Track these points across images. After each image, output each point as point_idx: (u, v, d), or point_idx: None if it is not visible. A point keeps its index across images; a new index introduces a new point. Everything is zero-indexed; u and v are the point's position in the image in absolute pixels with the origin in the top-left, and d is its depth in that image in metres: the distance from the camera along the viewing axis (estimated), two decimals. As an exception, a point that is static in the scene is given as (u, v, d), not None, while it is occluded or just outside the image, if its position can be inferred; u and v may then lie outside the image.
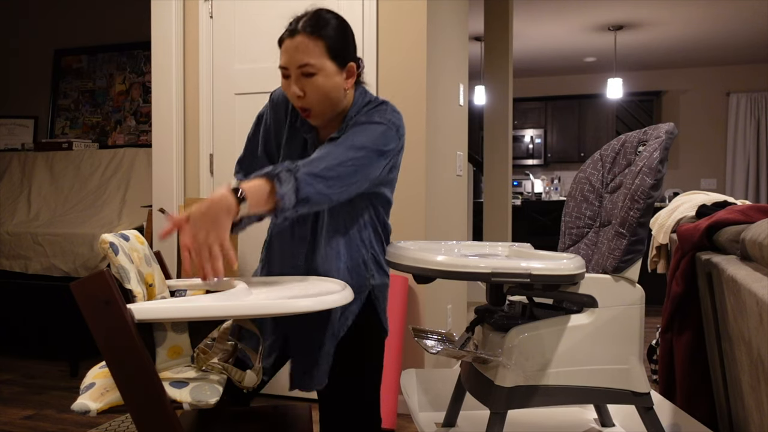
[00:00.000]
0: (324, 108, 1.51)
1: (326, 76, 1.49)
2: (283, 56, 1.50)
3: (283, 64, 1.49)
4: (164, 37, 3.20)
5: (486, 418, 1.33)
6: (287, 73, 1.49)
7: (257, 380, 1.37)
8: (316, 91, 1.48)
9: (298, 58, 1.47)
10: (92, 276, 1.13)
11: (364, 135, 1.48)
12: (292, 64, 1.47)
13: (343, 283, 1.43)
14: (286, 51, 1.49)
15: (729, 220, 1.74)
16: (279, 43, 1.53)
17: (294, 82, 1.48)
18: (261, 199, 1.33)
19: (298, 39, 1.48)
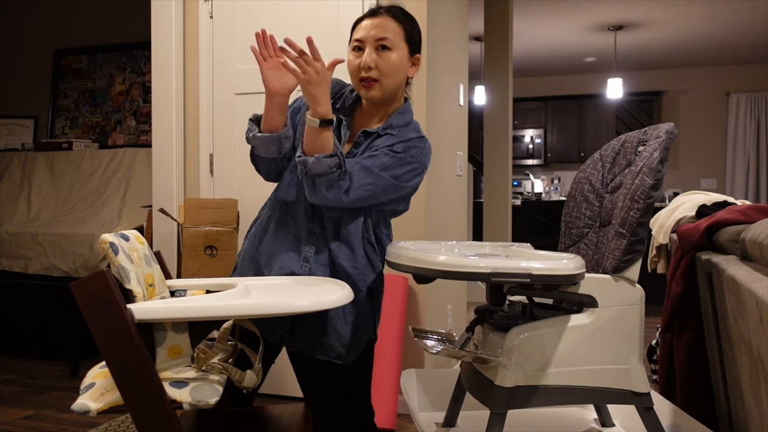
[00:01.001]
0: (388, 84, 1.60)
1: (400, 55, 1.60)
2: (360, 32, 1.61)
3: (359, 37, 1.60)
4: (164, 37, 3.20)
5: (486, 418, 1.33)
6: (361, 46, 1.60)
7: (257, 380, 1.37)
8: (389, 65, 1.58)
9: (377, 33, 1.58)
10: (92, 276, 1.13)
11: (394, 166, 1.55)
12: (370, 38, 1.58)
13: (342, 283, 1.44)
14: (364, 27, 1.60)
15: (729, 220, 1.74)
16: (354, 24, 1.65)
17: (368, 54, 1.58)
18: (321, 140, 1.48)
19: (381, 18, 1.60)
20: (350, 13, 2.89)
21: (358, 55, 1.61)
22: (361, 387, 1.65)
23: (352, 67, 1.62)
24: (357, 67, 1.60)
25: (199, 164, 3.20)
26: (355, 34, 1.63)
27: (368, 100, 1.65)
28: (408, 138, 1.61)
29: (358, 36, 1.61)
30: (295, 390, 3.05)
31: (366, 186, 1.52)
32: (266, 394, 3.07)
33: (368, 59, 1.58)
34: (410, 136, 1.62)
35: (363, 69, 1.58)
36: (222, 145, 3.15)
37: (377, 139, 1.61)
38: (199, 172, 3.20)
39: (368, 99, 1.64)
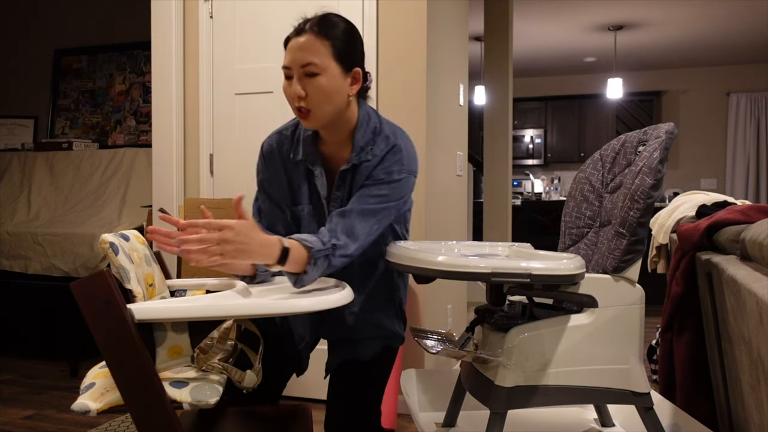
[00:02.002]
0: (324, 111, 1.47)
1: (330, 77, 1.46)
2: (287, 56, 1.48)
3: (286, 63, 1.47)
4: (164, 37, 3.20)
5: (486, 418, 1.33)
6: (290, 73, 1.47)
7: (257, 380, 1.37)
8: (319, 92, 1.45)
9: (302, 57, 1.45)
10: (92, 276, 1.13)
11: (388, 196, 1.49)
12: (295, 63, 1.45)
13: (342, 282, 1.43)
14: (290, 50, 1.47)
15: (729, 220, 1.74)
16: (285, 43, 1.51)
17: (296, 81, 1.46)
18: (295, 266, 1.36)
19: (304, 38, 1.46)
20: (350, 13, 2.89)
21: (288, 84, 1.48)
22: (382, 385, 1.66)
23: (287, 97, 1.50)
24: (291, 96, 1.48)
25: (199, 164, 3.20)
26: (285, 58, 1.49)
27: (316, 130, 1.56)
28: (383, 156, 1.52)
29: (285, 62, 1.48)
30: (295, 390, 3.05)
31: (372, 227, 1.48)
32: (266, 394, 3.07)
33: (297, 87, 1.45)
34: (384, 152, 1.53)
35: (294, 99, 1.47)
36: (222, 145, 3.15)
37: (357, 170, 1.54)
38: (199, 172, 3.20)
39: (311, 128, 1.55)
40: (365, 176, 1.53)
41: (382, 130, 1.57)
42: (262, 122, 3.08)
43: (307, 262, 1.37)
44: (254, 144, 3.10)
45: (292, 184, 1.62)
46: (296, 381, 3.06)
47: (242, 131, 3.12)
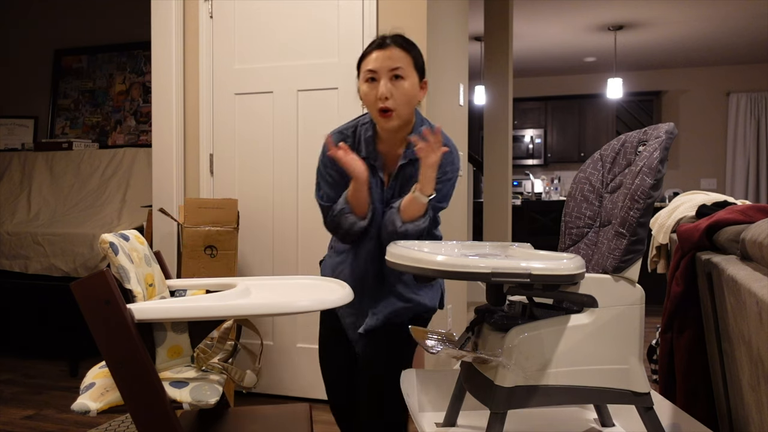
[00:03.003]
0: (404, 111, 1.74)
1: (411, 83, 1.74)
2: (372, 63, 1.73)
3: (373, 68, 1.72)
4: (164, 37, 3.20)
5: (486, 418, 1.33)
6: (376, 77, 1.72)
7: (257, 380, 1.37)
8: (403, 94, 1.72)
9: (390, 63, 1.72)
10: (92, 276, 1.13)
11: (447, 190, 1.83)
12: (383, 68, 1.72)
13: (342, 282, 1.44)
14: (377, 59, 1.73)
15: (729, 220, 1.74)
16: (362, 58, 1.77)
17: (383, 84, 1.71)
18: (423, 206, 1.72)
19: (391, 49, 1.73)
20: (350, 13, 2.89)
21: (373, 87, 1.73)
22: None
23: (369, 99, 1.74)
24: (374, 98, 1.72)
25: (199, 164, 3.20)
26: (366, 65, 1.75)
27: (387, 130, 1.77)
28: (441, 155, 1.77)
29: (371, 67, 1.73)
30: (295, 390, 3.06)
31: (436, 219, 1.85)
32: (266, 394, 3.07)
33: (384, 89, 1.70)
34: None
35: (380, 99, 1.70)
36: (222, 145, 3.15)
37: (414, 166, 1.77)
38: (199, 172, 3.20)
39: (387, 129, 1.76)
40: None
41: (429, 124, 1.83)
42: (262, 122, 3.08)
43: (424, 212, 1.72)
44: (254, 144, 3.10)
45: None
46: (296, 381, 3.06)
47: (242, 131, 3.12)
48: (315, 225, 3.01)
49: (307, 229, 3.03)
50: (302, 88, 3.00)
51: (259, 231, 3.11)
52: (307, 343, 3.03)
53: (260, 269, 3.11)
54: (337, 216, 1.78)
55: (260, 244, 3.11)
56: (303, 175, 3.02)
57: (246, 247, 3.12)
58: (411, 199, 1.71)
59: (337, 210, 1.77)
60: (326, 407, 2.93)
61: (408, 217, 1.73)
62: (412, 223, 1.72)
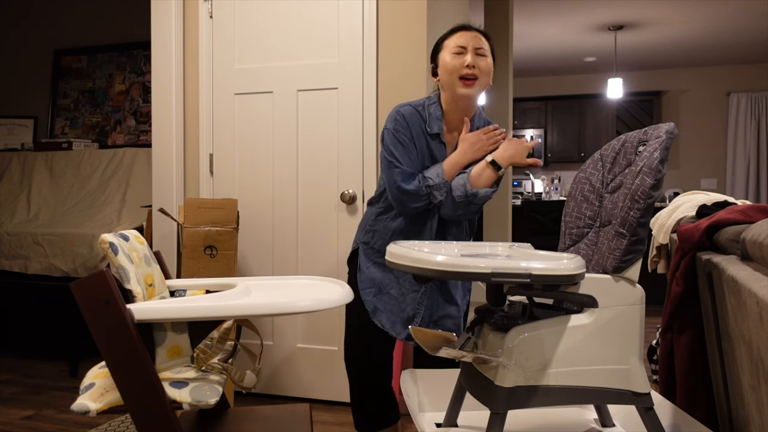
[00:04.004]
0: (484, 82, 1.98)
1: (490, 62, 1.99)
2: (461, 39, 1.97)
3: (462, 43, 1.96)
4: (164, 37, 3.20)
5: (486, 418, 1.33)
6: (463, 51, 1.95)
7: (257, 380, 1.37)
8: (485, 67, 1.97)
9: (477, 42, 1.97)
10: (92, 276, 1.13)
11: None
12: (471, 45, 1.95)
13: (342, 282, 1.43)
14: (464, 36, 1.97)
15: (729, 220, 1.74)
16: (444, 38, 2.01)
17: (470, 55, 1.94)
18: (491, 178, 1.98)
19: (476, 33, 1.99)
20: (350, 13, 2.89)
21: (459, 57, 1.95)
22: None
23: (453, 66, 1.94)
24: (460, 65, 1.93)
25: (199, 164, 3.20)
26: (453, 41, 1.98)
27: (464, 96, 1.96)
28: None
29: (461, 43, 1.96)
30: (295, 390, 3.05)
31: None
32: (266, 394, 3.07)
33: (471, 59, 1.94)
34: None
35: (466, 67, 1.92)
36: (222, 145, 3.15)
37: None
38: (199, 172, 3.20)
39: (465, 95, 1.96)
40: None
41: (489, 122, 2.11)
42: (262, 122, 3.08)
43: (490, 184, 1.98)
44: (254, 144, 3.10)
45: (421, 148, 2.01)
46: (296, 381, 3.06)
47: (242, 131, 3.12)
48: (315, 225, 3.01)
49: (307, 229, 3.03)
50: (302, 88, 3.00)
51: (259, 231, 3.11)
52: (307, 343, 3.03)
53: (260, 269, 3.11)
54: (433, 188, 1.93)
55: (260, 244, 3.11)
56: (303, 174, 3.02)
57: (246, 247, 3.12)
58: (484, 167, 1.95)
59: (434, 183, 1.94)
60: (326, 407, 2.93)
61: (478, 184, 1.95)
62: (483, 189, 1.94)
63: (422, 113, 2.01)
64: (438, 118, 2.00)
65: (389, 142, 1.97)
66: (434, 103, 2.02)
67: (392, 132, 1.98)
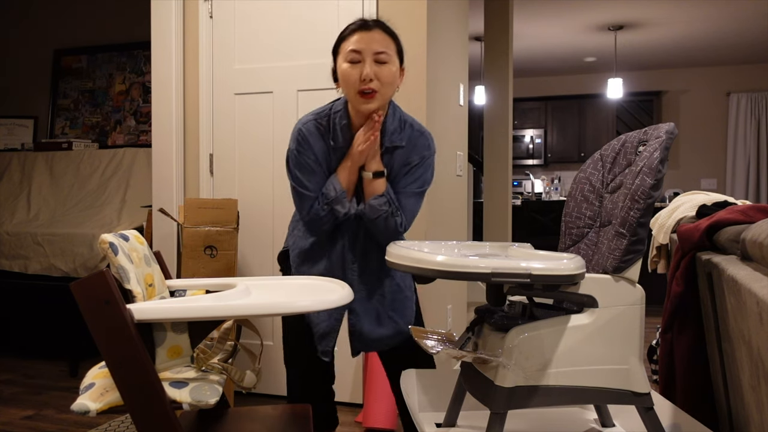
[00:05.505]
0: (386, 94, 1.75)
1: (393, 68, 1.75)
2: (356, 43, 1.71)
3: (357, 48, 1.71)
4: (164, 37, 3.20)
5: (486, 418, 1.33)
6: (358, 58, 1.71)
7: (257, 380, 1.37)
8: (387, 76, 1.72)
9: (377, 46, 1.71)
10: (92, 276, 1.13)
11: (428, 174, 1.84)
12: (368, 50, 1.71)
13: (342, 282, 1.43)
14: (361, 39, 1.71)
15: (729, 220, 1.74)
16: (341, 39, 1.76)
17: (368, 65, 1.70)
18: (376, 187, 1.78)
19: (376, 32, 1.73)
20: (350, 14, 2.89)
21: (355, 67, 1.71)
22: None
23: (350, 79, 1.72)
24: (357, 78, 1.70)
25: (199, 164, 3.20)
26: (349, 45, 1.72)
27: (365, 112, 1.75)
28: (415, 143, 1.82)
29: (355, 47, 1.71)
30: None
31: (416, 208, 1.84)
32: (266, 394, 3.07)
33: (369, 71, 1.69)
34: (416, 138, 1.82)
35: (364, 81, 1.69)
36: (222, 145, 3.15)
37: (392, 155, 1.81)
38: (199, 172, 3.20)
39: (365, 111, 1.74)
40: (402, 162, 1.81)
41: (405, 119, 1.85)
42: (262, 122, 3.08)
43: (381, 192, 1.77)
44: (254, 144, 3.10)
45: (330, 165, 1.82)
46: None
47: (242, 131, 3.12)
48: (315, 225, 3.01)
49: (307, 229, 3.02)
50: (302, 88, 3.00)
51: (259, 231, 3.11)
52: (307, 343, 3.03)
53: (260, 269, 3.11)
54: (332, 202, 1.77)
55: (260, 244, 3.11)
56: (303, 175, 3.02)
57: (246, 247, 3.12)
58: (369, 181, 1.78)
59: (333, 197, 1.76)
60: (326, 407, 2.93)
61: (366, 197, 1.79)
62: (367, 204, 1.77)
63: (327, 125, 1.80)
64: (344, 127, 1.79)
65: (293, 166, 1.80)
66: (340, 110, 1.81)
67: (295, 154, 1.80)
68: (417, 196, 1.83)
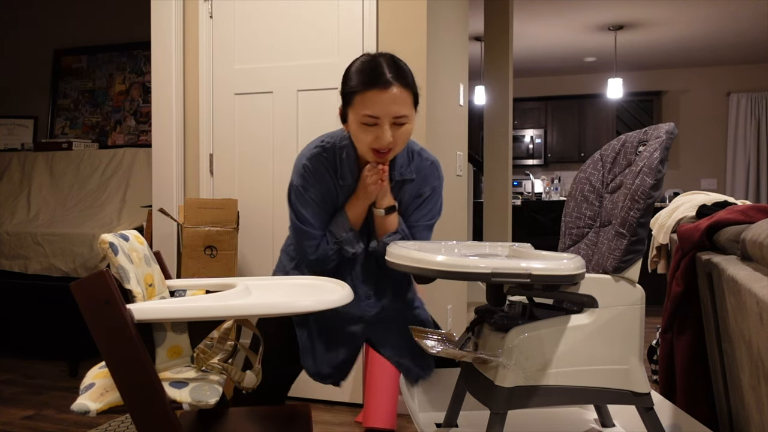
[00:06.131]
0: (399, 149, 1.65)
1: (412, 123, 1.62)
2: (374, 107, 1.54)
3: (375, 113, 1.54)
4: (164, 37, 3.20)
5: (486, 418, 1.33)
6: (375, 122, 1.56)
7: (257, 381, 1.37)
8: (404, 137, 1.61)
9: (395, 110, 1.55)
10: (92, 276, 1.13)
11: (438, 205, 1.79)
12: (387, 115, 1.55)
13: (342, 282, 1.43)
14: (379, 102, 1.54)
15: (729, 220, 1.74)
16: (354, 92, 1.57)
17: (387, 130, 1.56)
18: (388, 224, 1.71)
19: (394, 91, 1.55)
20: (350, 13, 2.89)
21: (371, 131, 1.57)
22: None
23: (365, 140, 1.58)
24: (372, 139, 1.57)
25: (199, 164, 3.20)
26: (364, 107, 1.55)
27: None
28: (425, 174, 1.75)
29: (373, 113, 1.54)
30: (295, 390, 3.05)
31: (428, 237, 1.78)
32: (266, 394, 3.07)
33: (388, 137, 1.56)
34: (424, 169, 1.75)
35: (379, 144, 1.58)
36: (222, 145, 3.15)
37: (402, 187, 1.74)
38: (199, 172, 3.20)
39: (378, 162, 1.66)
40: (413, 194, 1.75)
41: (413, 149, 1.75)
42: (262, 122, 3.08)
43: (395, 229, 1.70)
44: (254, 144, 3.10)
45: (336, 200, 1.73)
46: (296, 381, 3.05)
47: (242, 131, 3.12)
48: (315, 225, 3.01)
49: (307, 229, 3.02)
50: (302, 88, 3.00)
51: (259, 231, 3.10)
52: (307, 343, 3.03)
53: (260, 269, 3.11)
54: (342, 242, 1.69)
55: (260, 244, 3.11)
56: (303, 175, 3.02)
57: (246, 247, 3.12)
58: (382, 217, 1.70)
59: (344, 238, 1.68)
60: (326, 407, 2.93)
61: (379, 234, 1.72)
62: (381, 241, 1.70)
63: (333, 159, 1.69)
64: (352, 162, 1.69)
65: (296, 202, 1.69)
66: (346, 145, 1.68)
67: (300, 190, 1.68)
68: (429, 229, 1.78)
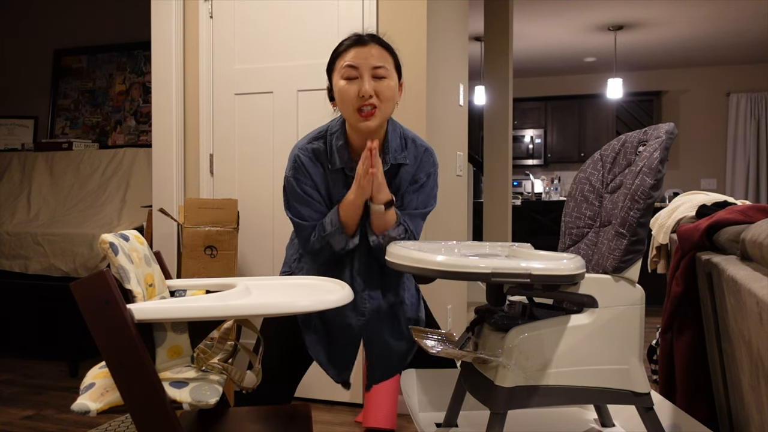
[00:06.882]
0: (386, 110, 1.67)
1: (393, 82, 1.67)
2: (354, 58, 1.64)
3: (354, 63, 1.63)
4: (164, 37, 3.20)
5: (486, 418, 1.33)
6: (355, 74, 1.64)
7: (257, 381, 1.37)
8: (385, 92, 1.65)
9: (375, 61, 1.64)
10: (92, 276, 1.13)
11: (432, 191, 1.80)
12: (366, 65, 1.63)
13: (342, 282, 1.43)
14: (358, 54, 1.64)
15: (729, 220, 1.74)
16: (336, 56, 1.69)
17: (366, 81, 1.63)
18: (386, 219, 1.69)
19: (372, 47, 1.65)
20: (350, 13, 2.89)
21: (353, 84, 1.64)
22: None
23: (348, 97, 1.64)
24: (355, 95, 1.63)
25: (199, 164, 3.20)
26: (345, 60, 1.65)
27: (364, 130, 1.67)
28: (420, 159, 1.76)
29: (352, 62, 1.63)
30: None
31: (421, 226, 1.77)
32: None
33: (368, 87, 1.62)
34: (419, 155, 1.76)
35: (363, 97, 1.62)
36: (222, 145, 3.15)
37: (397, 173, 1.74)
38: (199, 172, 3.20)
39: (365, 129, 1.66)
40: (409, 180, 1.76)
41: (406, 135, 1.78)
42: (262, 122, 3.08)
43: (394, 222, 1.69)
44: (254, 144, 3.10)
45: (330, 189, 1.75)
46: (296, 381, 3.06)
47: (242, 131, 3.12)
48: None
49: (307, 229, 3.02)
50: (302, 88, 3.00)
51: (259, 231, 3.11)
52: (307, 343, 3.03)
53: (260, 269, 3.11)
54: (327, 236, 1.68)
55: (260, 244, 3.11)
56: (303, 175, 3.02)
57: (246, 247, 3.12)
58: (380, 213, 1.67)
59: (329, 231, 1.68)
60: (326, 407, 2.93)
61: (379, 229, 1.69)
62: (384, 235, 1.68)
63: (324, 148, 1.73)
64: (342, 148, 1.71)
65: (291, 196, 1.72)
66: (337, 131, 1.73)
67: (293, 182, 1.71)
68: (422, 216, 1.77)
